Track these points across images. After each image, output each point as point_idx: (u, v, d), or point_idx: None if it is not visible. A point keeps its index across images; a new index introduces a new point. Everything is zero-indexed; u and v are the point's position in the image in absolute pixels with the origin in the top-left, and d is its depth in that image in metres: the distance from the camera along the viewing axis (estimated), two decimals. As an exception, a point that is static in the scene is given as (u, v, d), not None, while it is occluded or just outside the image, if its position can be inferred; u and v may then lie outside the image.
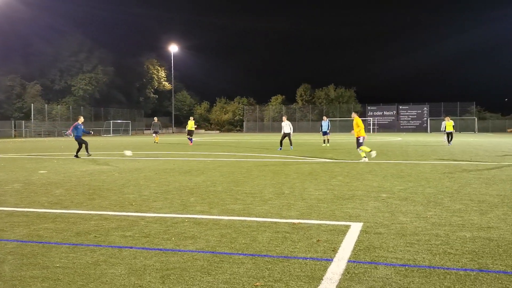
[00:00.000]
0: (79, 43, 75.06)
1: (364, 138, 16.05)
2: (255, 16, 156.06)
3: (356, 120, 16.12)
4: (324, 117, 28.82)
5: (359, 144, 16.02)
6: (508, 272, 4.15)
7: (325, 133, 27.50)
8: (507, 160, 15.85)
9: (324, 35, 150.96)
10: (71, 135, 18.68)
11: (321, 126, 27.87)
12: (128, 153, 18.75)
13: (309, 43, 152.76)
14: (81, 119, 19.00)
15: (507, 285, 3.83)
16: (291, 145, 23.51)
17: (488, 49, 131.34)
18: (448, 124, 27.39)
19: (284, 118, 23.81)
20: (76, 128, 18.51)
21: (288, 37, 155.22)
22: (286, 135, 23.11)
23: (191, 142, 29.50)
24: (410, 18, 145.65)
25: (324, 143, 27.51)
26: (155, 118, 34.47)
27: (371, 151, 16.17)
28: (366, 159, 15.81)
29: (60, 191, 9.37)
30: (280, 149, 22.80)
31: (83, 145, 18.59)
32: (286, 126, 23.15)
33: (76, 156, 18.22)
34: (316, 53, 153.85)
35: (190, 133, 29.62)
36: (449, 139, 27.30)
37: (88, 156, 18.55)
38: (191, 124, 29.80)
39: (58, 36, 74.19)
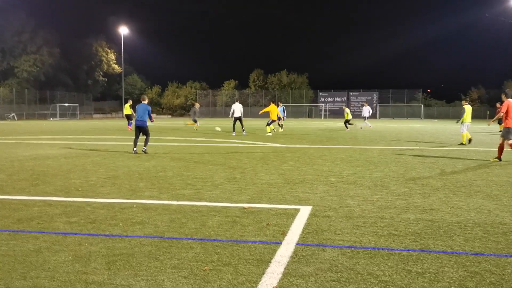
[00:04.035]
0: (22, 23, 71.20)
1: (273, 121, 23.26)
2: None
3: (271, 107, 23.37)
4: (279, 103, 29.15)
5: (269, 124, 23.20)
6: (447, 252, 4.34)
7: (279, 118, 27.73)
8: (450, 146, 16.54)
9: (279, 22, 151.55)
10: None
11: None
12: (218, 128, 25.56)
13: (263, 29, 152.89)
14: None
15: (446, 264, 4.00)
16: (243, 130, 23.33)
17: (433, 42, 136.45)
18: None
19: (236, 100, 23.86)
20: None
21: (241, 22, 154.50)
22: (237, 119, 22.99)
23: (130, 126, 26.92)
24: (364, 12, 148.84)
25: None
26: (197, 104, 29.11)
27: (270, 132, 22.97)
28: (270, 134, 22.64)
29: (1, 176, 8.95)
30: (234, 134, 22.72)
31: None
32: (238, 109, 22.95)
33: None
34: (269, 39, 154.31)
35: (128, 117, 27.55)
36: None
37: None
38: (127, 108, 27.78)
39: (-1, 14, 70.29)
